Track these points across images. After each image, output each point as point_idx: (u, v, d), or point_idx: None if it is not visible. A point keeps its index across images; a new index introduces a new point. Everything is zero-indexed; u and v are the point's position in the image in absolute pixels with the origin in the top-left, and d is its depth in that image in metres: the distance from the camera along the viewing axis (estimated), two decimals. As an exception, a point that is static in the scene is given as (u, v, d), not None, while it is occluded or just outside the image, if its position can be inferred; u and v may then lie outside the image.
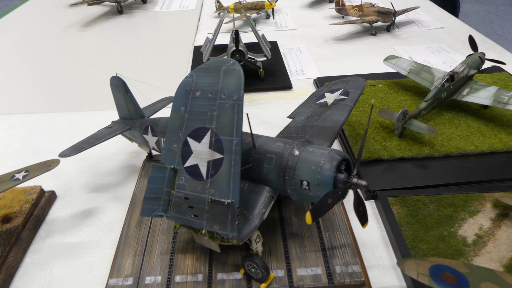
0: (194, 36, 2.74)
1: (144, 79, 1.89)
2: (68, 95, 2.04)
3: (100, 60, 2.43)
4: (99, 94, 2.01)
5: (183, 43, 2.63)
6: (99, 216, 1.29)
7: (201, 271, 1.02)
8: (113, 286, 1.00)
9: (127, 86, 1.29)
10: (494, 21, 7.12)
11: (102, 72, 2.25)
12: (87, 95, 2.02)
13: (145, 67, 2.30)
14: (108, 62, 2.40)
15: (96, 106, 1.90)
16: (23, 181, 1.11)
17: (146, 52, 2.52)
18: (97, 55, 2.50)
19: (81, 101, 1.97)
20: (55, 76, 2.24)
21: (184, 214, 0.94)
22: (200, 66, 0.95)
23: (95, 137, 1.33)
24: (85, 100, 1.98)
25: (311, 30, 2.72)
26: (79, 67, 2.34)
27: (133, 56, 2.47)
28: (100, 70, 2.29)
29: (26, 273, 1.12)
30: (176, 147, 0.96)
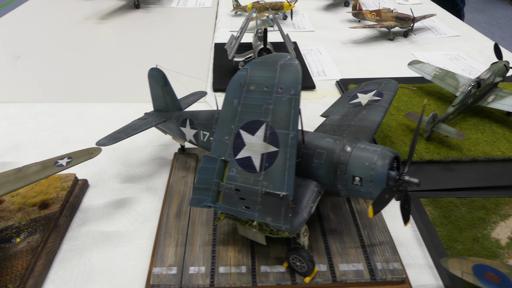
0: (213, 33, 2.75)
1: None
2: (91, 86, 2.04)
3: (119, 53, 2.43)
4: (121, 86, 2.02)
5: (202, 40, 2.64)
6: (134, 206, 1.29)
7: (244, 263, 1.03)
8: (158, 275, 1.00)
9: (166, 78, 1.30)
10: (495, 33, 7.21)
11: (121, 65, 2.26)
12: (110, 87, 2.03)
13: (165, 62, 2.30)
14: (127, 55, 2.40)
15: (119, 98, 1.90)
16: (67, 167, 1.11)
17: (164, 47, 2.52)
18: (115, 49, 2.50)
19: (104, 93, 1.97)
20: (75, 67, 2.24)
21: (235, 205, 0.95)
22: (255, 60, 0.96)
23: (131, 127, 1.34)
24: (108, 92, 1.98)
25: (328, 33, 2.75)
26: (99, 60, 2.34)
27: (152, 50, 2.47)
28: (120, 63, 2.29)
29: (64, 259, 1.12)
30: (227, 139, 0.97)
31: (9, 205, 1.21)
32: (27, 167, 1.13)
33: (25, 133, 1.65)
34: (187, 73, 2.14)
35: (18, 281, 1.00)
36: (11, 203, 1.21)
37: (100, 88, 2.02)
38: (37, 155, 1.52)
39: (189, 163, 1.38)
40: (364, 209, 1.21)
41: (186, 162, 1.38)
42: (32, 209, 1.20)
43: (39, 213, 1.19)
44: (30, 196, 1.23)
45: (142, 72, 2.16)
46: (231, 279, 1.00)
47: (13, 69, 2.22)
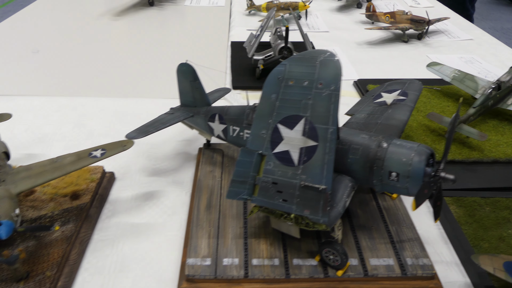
0: (228, 32, 2.77)
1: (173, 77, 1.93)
2: (110, 81, 2.06)
3: (135, 49, 2.45)
4: (140, 82, 2.05)
5: (218, 38, 2.66)
6: (162, 199, 1.31)
7: (277, 256, 1.05)
8: (192, 266, 1.02)
9: (196, 73, 1.32)
10: (500, 38, 7.25)
11: (138, 62, 2.28)
12: (129, 82, 2.05)
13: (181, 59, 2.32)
14: (143, 52, 2.42)
15: (138, 94, 1.93)
16: (101, 158, 1.13)
17: (179, 44, 2.54)
18: (131, 45, 2.52)
19: (123, 88, 1.99)
20: (92, 62, 2.26)
21: (272, 198, 0.97)
22: (294, 56, 0.98)
23: (160, 121, 1.35)
24: (127, 87, 2.00)
25: (343, 34, 2.76)
26: (115, 56, 2.36)
27: (167, 48, 2.49)
28: (136, 59, 2.31)
29: (96, 249, 1.14)
30: (264, 133, 0.99)
31: (41, 195, 1.22)
32: (61, 157, 1.14)
33: (49, 126, 1.67)
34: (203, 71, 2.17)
35: (55, 268, 1.01)
36: (43, 193, 1.23)
37: (120, 84, 2.04)
38: (62, 148, 1.53)
39: (215, 158, 1.39)
40: (391, 206, 1.22)
41: (212, 157, 1.40)
42: (64, 199, 1.22)
43: (71, 204, 1.20)
44: (61, 187, 1.25)
45: (160, 68, 2.21)
46: (264, 271, 1.01)
47: (33, 63, 2.24)
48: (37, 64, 2.23)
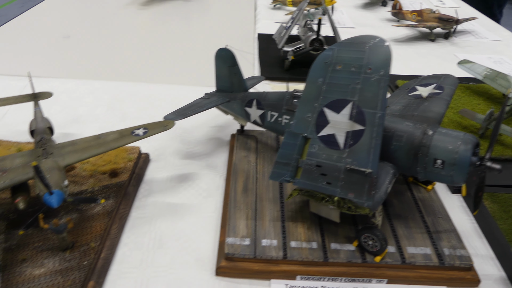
0: (254, 24, 2.78)
1: (206, 64, 1.95)
2: (140, 67, 2.09)
3: (161, 38, 2.48)
4: (168, 68, 2.07)
5: (244, 30, 2.67)
6: (197, 182, 1.33)
7: (315, 239, 1.06)
8: (232, 245, 1.03)
9: (235, 58, 1.33)
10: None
11: (165, 49, 2.31)
12: (159, 69, 2.07)
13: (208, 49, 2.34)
14: (170, 41, 2.44)
15: (169, 80, 1.95)
16: (143, 137, 1.15)
17: (205, 35, 2.56)
18: (157, 34, 2.55)
19: (152, 74, 2.02)
20: (121, 49, 2.29)
21: (315, 181, 0.98)
22: (343, 41, 0.99)
23: (197, 105, 1.37)
24: (158, 74, 2.03)
25: (369, 30, 2.76)
26: (143, 43, 2.39)
27: (194, 38, 2.51)
28: (163, 48, 2.34)
29: (134, 226, 1.16)
30: (310, 116, 1.00)
31: (81, 171, 1.25)
32: (104, 134, 1.17)
33: (83, 107, 1.69)
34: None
35: (99, 240, 1.03)
36: (83, 169, 1.25)
37: (150, 70, 2.06)
38: (96, 128, 1.55)
39: (249, 144, 1.41)
40: (426, 198, 1.23)
41: (246, 143, 1.41)
42: (103, 176, 1.24)
43: (110, 181, 1.22)
44: (100, 165, 1.27)
45: (189, 57, 2.23)
46: (303, 253, 1.02)
47: (65, 48, 2.27)
48: (69, 49, 2.26)
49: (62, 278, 0.94)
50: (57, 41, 2.35)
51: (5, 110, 1.61)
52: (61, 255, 0.99)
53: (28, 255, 0.98)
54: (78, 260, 0.98)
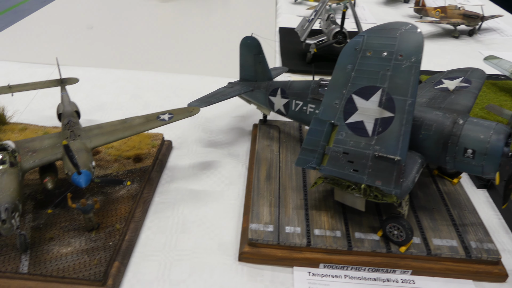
0: (275, 18, 2.78)
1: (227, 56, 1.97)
2: (161, 57, 2.10)
3: (183, 30, 2.49)
4: (190, 59, 2.08)
5: (265, 24, 2.67)
6: (219, 169, 1.33)
7: (338, 228, 1.05)
8: (256, 231, 1.03)
9: (261, 47, 1.33)
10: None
11: (187, 41, 2.33)
12: (181, 60, 2.09)
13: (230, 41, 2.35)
14: (191, 33, 2.45)
15: (190, 70, 1.96)
16: (168, 122, 1.15)
17: (226, 28, 2.56)
18: (179, 26, 2.56)
19: (176, 64, 2.03)
20: (143, 39, 2.31)
21: (342, 168, 0.97)
22: (373, 28, 0.98)
23: (221, 93, 1.37)
24: (180, 64, 2.04)
25: (391, 26, 2.72)
26: (165, 34, 2.41)
27: (215, 31, 2.52)
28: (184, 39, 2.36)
29: (157, 210, 1.17)
30: (338, 103, 0.99)
31: (106, 155, 1.26)
32: (130, 119, 1.17)
33: (107, 95, 1.71)
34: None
35: (124, 222, 1.04)
36: (107, 154, 1.26)
37: (172, 60, 2.08)
38: (120, 116, 1.55)
39: (272, 133, 1.40)
40: (452, 191, 1.21)
41: (269, 133, 1.41)
42: (127, 161, 1.25)
43: (134, 166, 1.23)
44: (124, 150, 1.28)
45: (210, 49, 2.24)
46: (327, 241, 1.02)
47: (88, 38, 2.30)
48: (92, 39, 2.29)
49: (88, 257, 0.95)
50: (80, 31, 2.38)
51: (31, 97, 1.63)
52: (87, 235, 1.00)
53: (55, 234, 1.00)
54: (104, 240, 0.99)
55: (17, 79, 1.78)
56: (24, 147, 1.04)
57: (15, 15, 5.81)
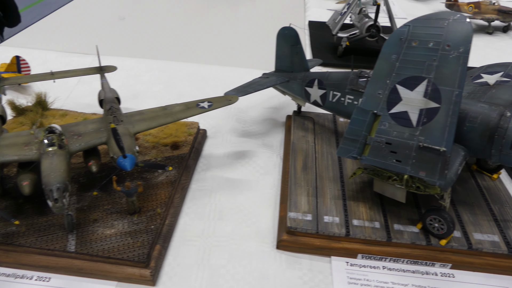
0: (304, 12, 2.77)
1: (257, 49, 1.97)
2: (195, 49, 2.12)
3: (212, 23, 2.50)
4: (221, 51, 2.10)
5: (294, 17, 2.64)
6: (254, 159, 1.34)
7: (377, 219, 1.05)
8: (294, 219, 1.03)
9: (298, 38, 1.33)
10: None
11: (219, 34, 2.34)
12: (212, 52, 2.10)
13: (260, 35, 2.36)
14: (221, 26, 2.47)
15: (221, 62, 1.98)
16: (208, 109, 1.17)
17: (254, 22, 2.57)
18: (209, 19, 2.57)
19: (207, 56, 2.05)
20: (173, 31, 2.34)
21: (384, 158, 0.96)
22: (419, 18, 0.96)
23: (257, 83, 1.38)
24: (211, 56, 2.05)
25: (422, 21, 2.68)
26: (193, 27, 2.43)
27: (244, 24, 2.53)
28: (217, 32, 2.37)
29: (195, 197, 1.18)
30: (381, 93, 0.98)
31: (144, 142, 1.28)
32: (170, 106, 1.19)
33: (141, 85, 1.74)
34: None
35: (164, 207, 1.06)
36: (145, 141, 1.29)
37: (202, 52, 2.09)
38: (155, 104, 1.55)
39: (306, 124, 1.40)
40: (491, 186, 1.19)
41: (303, 124, 1.41)
42: (165, 148, 1.27)
43: (172, 153, 1.25)
44: (161, 137, 1.30)
45: (240, 41, 2.25)
46: (366, 231, 1.01)
47: (121, 29, 2.33)
48: (125, 30, 2.33)
49: (131, 239, 0.97)
50: (112, 22, 2.42)
51: (71, 84, 1.67)
52: (129, 218, 1.02)
53: (99, 216, 1.02)
54: (146, 224, 1.01)
55: (54, 67, 1.82)
56: (70, 131, 1.07)
57: (44, 8, 5.92)
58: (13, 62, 1.62)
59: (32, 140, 1.03)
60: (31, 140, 1.03)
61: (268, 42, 1.38)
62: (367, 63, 1.95)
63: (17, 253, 0.95)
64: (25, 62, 1.64)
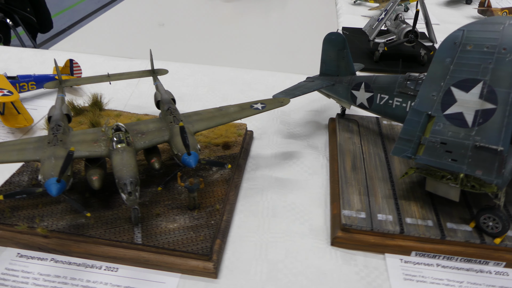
0: (337, 19, 2.81)
1: (294, 54, 2.01)
2: (235, 54, 2.18)
3: (252, 29, 2.57)
4: (260, 56, 2.15)
5: (327, 24, 2.71)
6: (301, 160, 1.37)
7: (430, 218, 1.07)
8: (349, 217, 1.07)
9: (346, 43, 1.36)
10: None
11: (256, 40, 2.40)
12: (252, 57, 2.16)
13: (296, 41, 2.41)
14: (258, 32, 2.53)
15: (261, 67, 2.02)
16: (262, 111, 1.22)
17: (291, 29, 2.63)
18: (246, 25, 2.64)
19: (247, 61, 2.11)
20: (212, 37, 2.41)
21: (439, 157, 0.99)
22: (474, 22, 0.99)
23: (303, 86, 1.42)
24: (251, 61, 2.11)
25: (456, 27, 2.68)
26: (230, 33, 2.50)
27: (281, 30, 2.59)
28: (250, 37, 2.43)
29: (247, 195, 1.23)
30: (435, 95, 1.01)
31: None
32: (225, 107, 1.24)
33: (186, 87, 1.80)
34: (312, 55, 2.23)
35: (222, 204, 1.11)
36: (197, 141, 1.33)
37: (242, 57, 2.16)
38: (200, 107, 1.61)
39: (351, 127, 1.44)
40: (541, 188, 1.20)
41: (348, 126, 1.44)
42: (217, 148, 1.32)
43: (224, 152, 1.30)
44: (212, 137, 1.35)
45: (278, 46, 2.31)
46: (419, 229, 1.04)
47: (161, 35, 2.42)
48: (165, 35, 2.41)
49: (194, 233, 1.02)
50: (153, 28, 2.51)
51: (120, 89, 1.75)
52: (189, 213, 1.07)
53: (161, 211, 1.07)
54: (206, 219, 1.06)
55: (102, 71, 1.91)
56: (132, 130, 1.13)
57: (74, 14, 6.12)
58: (67, 65, 1.71)
59: (99, 137, 1.09)
60: (98, 137, 1.09)
61: (304, 47, 1.43)
62: (404, 68, 1.99)
63: (87, 244, 1.01)
64: (77, 65, 1.73)
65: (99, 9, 6.33)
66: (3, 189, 1.13)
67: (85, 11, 6.24)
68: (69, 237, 1.01)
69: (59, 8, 6.32)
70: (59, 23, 5.47)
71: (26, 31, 3.47)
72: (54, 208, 1.07)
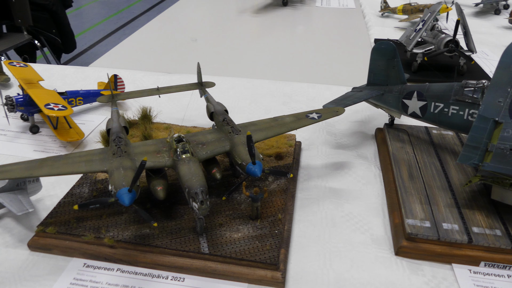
0: (367, 31, 2.82)
1: (330, 66, 2.02)
2: (274, 67, 2.19)
3: (286, 42, 2.59)
4: (297, 69, 2.15)
5: (358, 36, 2.72)
6: (353, 170, 1.37)
7: (497, 227, 1.05)
8: (413, 226, 1.05)
9: (396, 52, 1.36)
10: None
11: (291, 52, 2.41)
12: (289, 69, 2.17)
13: (332, 53, 2.42)
14: (293, 45, 2.55)
15: (299, 79, 2.04)
16: (318, 120, 1.22)
17: (323, 41, 2.64)
18: (274, 38, 2.67)
19: (284, 73, 2.12)
20: (244, 50, 2.43)
21: (509, 164, 0.97)
22: (540, 27, 0.98)
23: (353, 96, 1.42)
24: (288, 73, 2.12)
25: (487, 37, 2.68)
26: (268, 46, 2.52)
27: (313, 43, 2.60)
28: (283, 50, 2.46)
29: (303, 205, 1.22)
30: (501, 101, 1.00)
31: (249, 153, 1.34)
32: (281, 117, 1.25)
33: (227, 100, 1.81)
34: (348, 66, 2.24)
35: (283, 213, 1.10)
36: (250, 151, 1.34)
37: (276, 69, 2.17)
38: (244, 118, 1.63)
39: (401, 136, 1.43)
40: None
41: (398, 136, 1.43)
42: (269, 158, 1.32)
43: (277, 163, 1.30)
44: (264, 148, 1.35)
45: (314, 59, 2.33)
46: (489, 239, 1.02)
47: (196, 49, 2.46)
48: (199, 50, 2.45)
49: (259, 243, 1.01)
50: (186, 43, 2.55)
51: (164, 102, 1.77)
52: (251, 223, 1.07)
53: (224, 221, 1.07)
54: (269, 228, 1.05)
55: (143, 85, 1.95)
56: (192, 141, 1.14)
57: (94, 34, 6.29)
58: (111, 80, 1.74)
59: (161, 148, 1.10)
60: (159, 148, 1.11)
61: (339, 59, 1.44)
62: (443, 78, 1.98)
63: (153, 254, 1.01)
64: (121, 80, 1.76)
65: (118, 28, 6.53)
66: (66, 200, 1.15)
67: (104, 31, 6.42)
68: (135, 247, 1.02)
69: (80, 29, 6.51)
70: (81, 43, 5.63)
71: (51, 51, 3.58)
72: (118, 219, 1.08)
